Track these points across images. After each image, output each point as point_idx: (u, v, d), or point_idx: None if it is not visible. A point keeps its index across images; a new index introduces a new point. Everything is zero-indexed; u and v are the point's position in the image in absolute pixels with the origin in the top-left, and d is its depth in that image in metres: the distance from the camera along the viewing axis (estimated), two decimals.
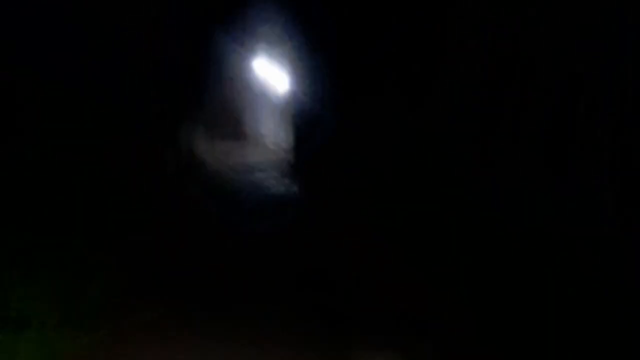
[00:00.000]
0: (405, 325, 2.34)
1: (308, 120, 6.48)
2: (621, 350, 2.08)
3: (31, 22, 4.17)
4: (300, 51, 6.19)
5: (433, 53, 3.77)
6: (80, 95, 4.77)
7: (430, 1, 3.77)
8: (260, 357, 2.03)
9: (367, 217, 3.71)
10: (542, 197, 2.78)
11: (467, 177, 3.36)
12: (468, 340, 2.22)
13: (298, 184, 6.26)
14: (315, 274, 2.96)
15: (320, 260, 3.13)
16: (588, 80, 2.53)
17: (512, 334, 2.25)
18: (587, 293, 2.44)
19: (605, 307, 2.31)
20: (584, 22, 2.53)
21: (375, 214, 3.70)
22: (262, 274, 2.96)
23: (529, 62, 2.89)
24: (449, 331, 2.28)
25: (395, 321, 2.37)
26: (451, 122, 3.56)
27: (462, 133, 3.45)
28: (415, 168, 3.72)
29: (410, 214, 3.47)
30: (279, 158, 8.45)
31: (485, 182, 3.19)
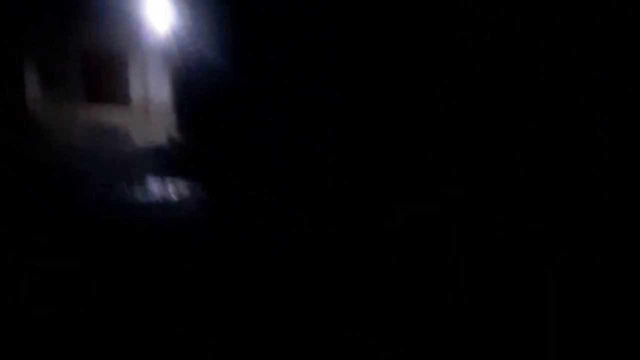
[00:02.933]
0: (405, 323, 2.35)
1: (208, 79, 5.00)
2: (621, 350, 2.08)
3: None
4: None
5: (433, 53, 3.76)
6: None
7: (430, 1, 3.77)
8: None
9: (367, 217, 3.71)
10: (542, 197, 2.78)
11: (467, 177, 3.36)
12: (468, 340, 2.22)
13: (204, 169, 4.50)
14: (315, 274, 2.96)
15: (320, 260, 3.13)
16: (588, 80, 2.53)
17: (512, 334, 2.25)
18: (587, 293, 2.44)
19: (605, 307, 2.31)
20: (584, 22, 2.53)
21: (375, 214, 3.70)
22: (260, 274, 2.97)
23: (529, 62, 2.89)
24: (449, 331, 2.29)
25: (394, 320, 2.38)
26: (451, 122, 3.55)
27: (462, 133, 3.45)
28: (415, 168, 3.71)
29: (410, 214, 3.47)
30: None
31: (485, 182, 3.19)
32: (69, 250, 2.97)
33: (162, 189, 4.36)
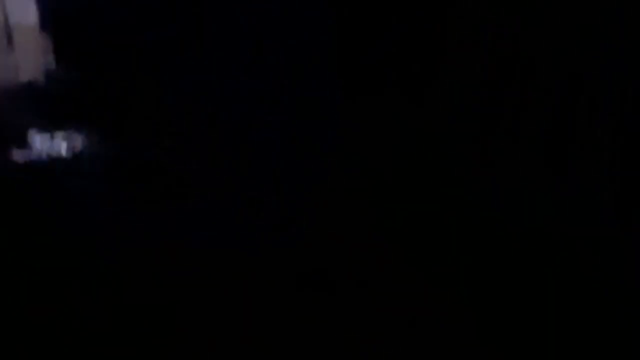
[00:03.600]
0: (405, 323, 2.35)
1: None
2: (621, 350, 2.08)
3: None
4: None
5: (433, 53, 3.77)
6: None
7: (430, 1, 3.77)
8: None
9: (367, 217, 3.71)
10: (542, 197, 2.78)
11: (467, 177, 3.36)
12: (468, 340, 2.22)
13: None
14: (315, 274, 2.96)
15: (320, 260, 3.13)
16: (588, 80, 2.53)
17: (512, 334, 2.25)
18: (587, 293, 2.44)
19: (605, 307, 2.31)
20: (584, 22, 2.53)
21: (375, 214, 3.71)
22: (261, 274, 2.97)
23: (529, 62, 2.89)
24: (449, 331, 2.29)
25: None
26: (451, 122, 3.56)
27: (462, 133, 3.45)
28: (415, 168, 3.72)
29: (410, 214, 3.47)
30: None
31: (485, 182, 3.19)
32: None
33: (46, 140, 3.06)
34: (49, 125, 3.15)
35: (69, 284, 2.62)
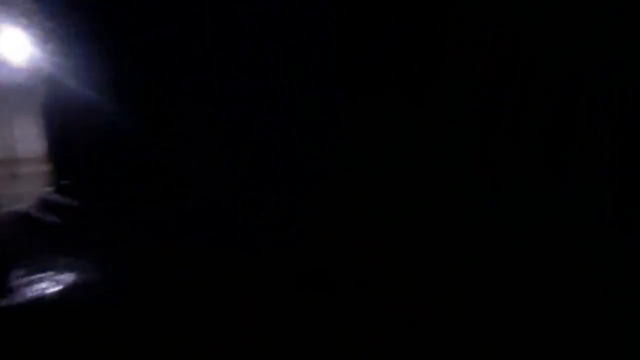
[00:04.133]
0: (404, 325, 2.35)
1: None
2: (621, 350, 2.08)
3: None
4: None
5: (433, 53, 3.76)
6: None
7: (430, 1, 3.77)
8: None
9: (367, 217, 3.71)
10: (542, 197, 2.78)
11: (467, 177, 3.36)
12: (468, 340, 2.22)
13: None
14: (315, 274, 2.96)
15: (320, 260, 3.13)
16: (588, 80, 2.53)
17: (512, 334, 2.25)
18: (587, 293, 2.44)
19: (605, 307, 2.31)
20: (584, 22, 2.53)
21: (376, 214, 3.70)
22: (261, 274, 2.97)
23: (529, 62, 2.89)
24: (449, 331, 2.29)
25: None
26: (451, 122, 3.55)
27: (462, 133, 3.45)
28: (415, 168, 3.71)
29: (410, 214, 3.47)
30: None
31: (485, 182, 3.19)
32: None
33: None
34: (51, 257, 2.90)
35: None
